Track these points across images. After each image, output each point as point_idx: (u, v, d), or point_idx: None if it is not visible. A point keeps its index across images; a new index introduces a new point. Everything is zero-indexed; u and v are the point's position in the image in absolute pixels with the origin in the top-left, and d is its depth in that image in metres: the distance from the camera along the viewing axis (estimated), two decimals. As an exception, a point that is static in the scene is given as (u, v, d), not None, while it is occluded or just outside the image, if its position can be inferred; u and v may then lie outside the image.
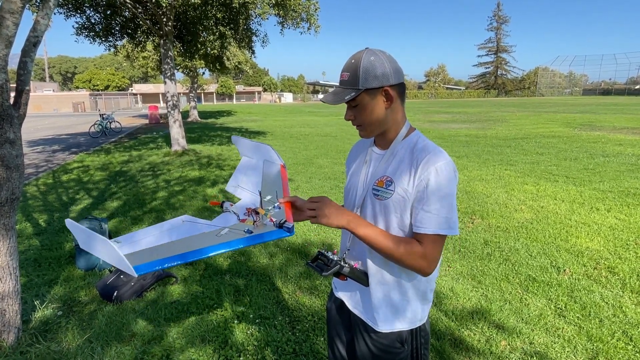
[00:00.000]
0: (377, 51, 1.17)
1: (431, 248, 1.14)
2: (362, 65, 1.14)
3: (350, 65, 1.16)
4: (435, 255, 1.14)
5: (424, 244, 1.14)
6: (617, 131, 13.92)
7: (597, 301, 2.95)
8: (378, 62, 1.15)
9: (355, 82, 1.15)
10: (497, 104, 42.23)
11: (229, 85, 60.11)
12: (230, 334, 2.61)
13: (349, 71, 1.16)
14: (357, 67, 1.15)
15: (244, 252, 3.92)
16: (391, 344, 1.29)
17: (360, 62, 1.14)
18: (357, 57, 1.16)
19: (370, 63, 1.14)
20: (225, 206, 1.43)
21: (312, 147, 11.33)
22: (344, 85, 1.18)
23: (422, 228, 1.14)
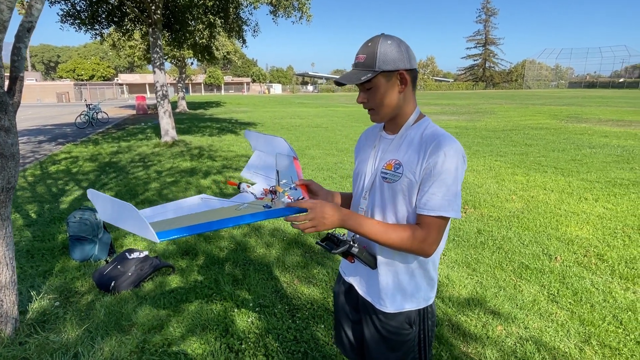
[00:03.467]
0: (393, 36, 1.18)
1: (432, 230, 1.16)
2: (379, 47, 1.15)
3: (367, 48, 1.17)
4: (436, 237, 1.16)
5: (426, 225, 1.16)
6: (603, 123, 14.19)
7: (587, 287, 3.03)
8: (395, 46, 1.15)
9: (372, 64, 1.15)
10: (485, 96, 42.60)
11: (217, 75, 59.40)
12: (231, 322, 2.63)
13: (366, 53, 1.17)
14: (374, 50, 1.15)
15: (240, 242, 3.92)
16: (400, 325, 1.32)
17: (377, 45, 1.15)
18: (374, 41, 1.17)
19: (387, 46, 1.15)
20: (242, 187, 1.45)
21: (304, 138, 11.31)
22: (360, 67, 1.18)
23: (425, 210, 1.16)
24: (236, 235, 4.11)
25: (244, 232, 4.19)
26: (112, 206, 1.15)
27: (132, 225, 1.08)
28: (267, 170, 1.61)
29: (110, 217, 1.16)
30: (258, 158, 1.73)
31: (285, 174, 1.54)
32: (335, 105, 29.03)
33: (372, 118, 1.28)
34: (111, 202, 1.15)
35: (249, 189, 1.45)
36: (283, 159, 1.65)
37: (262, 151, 1.75)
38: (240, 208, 1.27)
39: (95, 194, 1.17)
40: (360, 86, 1.22)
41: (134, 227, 1.08)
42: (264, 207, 1.27)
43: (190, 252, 3.72)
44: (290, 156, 1.66)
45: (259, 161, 1.70)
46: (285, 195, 1.33)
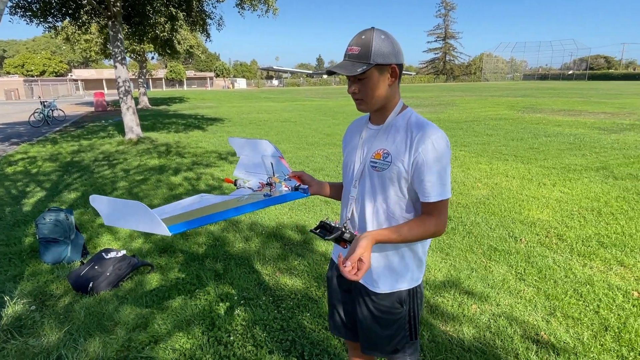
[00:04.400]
0: (384, 31, 1.24)
1: (441, 213, 1.26)
2: (373, 41, 1.21)
3: (361, 41, 1.22)
4: (445, 217, 1.27)
5: (434, 211, 1.26)
6: (556, 113, 15.03)
7: (550, 265, 3.27)
8: (388, 41, 1.22)
9: (367, 56, 1.21)
10: (447, 89, 43.88)
11: (179, 70, 57.69)
12: (217, 316, 2.65)
13: (360, 46, 1.22)
14: (368, 43, 1.21)
15: (218, 238, 3.92)
16: (391, 305, 1.41)
17: (372, 39, 1.21)
18: (367, 34, 1.22)
19: (381, 40, 1.21)
20: (239, 183, 1.48)
21: (273, 133, 11.28)
22: (354, 59, 1.23)
23: (431, 197, 1.25)
24: (214, 231, 4.10)
25: (221, 228, 4.18)
26: (118, 208, 1.16)
27: (142, 223, 1.10)
28: (258, 168, 1.65)
29: (116, 220, 1.17)
30: (246, 160, 1.77)
31: (276, 170, 1.61)
32: (302, 99, 29.01)
33: (359, 108, 1.34)
34: (117, 203, 1.16)
35: (246, 184, 1.49)
36: (270, 160, 1.70)
37: (247, 155, 1.78)
38: (242, 199, 1.31)
39: (99, 199, 1.18)
40: (351, 77, 1.28)
41: (144, 224, 1.10)
42: (264, 196, 1.32)
43: (168, 250, 3.68)
44: (276, 156, 1.72)
45: (248, 162, 1.74)
46: (282, 184, 1.39)
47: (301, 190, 1.33)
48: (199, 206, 1.31)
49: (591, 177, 5.87)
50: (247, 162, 1.72)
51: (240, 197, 1.37)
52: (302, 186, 1.32)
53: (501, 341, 2.35)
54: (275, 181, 1.41)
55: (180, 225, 1.14)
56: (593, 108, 16.90)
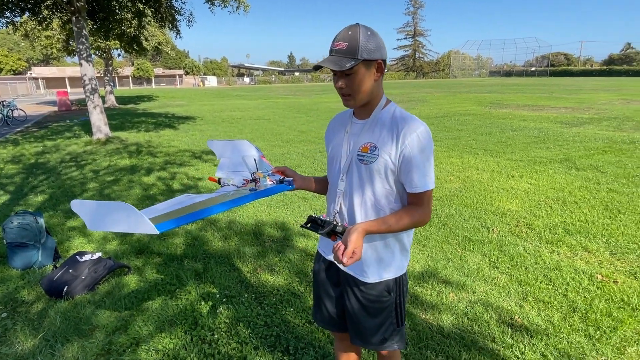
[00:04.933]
0: (369, 27, 1.27)
1: (427, 203, 1.32)
2: (360, 37, 1.23)
3: (348, 36, 1.24)
4: (429, 207, 1.34)
5: (421, 201, 1.31)
6: (521, 108, 15.61)
7: (521, 252, 3.42)
8: (374, 37, 1.25)
9: (354, 52, 1.23)
10: (417, 86, 44.69)
11: (146, 68, 56.06)
12: (199, 315, 2.62)
13: (347, 41, 1.24)
14: (355, 38, 1.23)
15: (196, 237, 3.87)
16: (379, 293, 1.45)
17: (358, 34, 1.23)
18: (353, 30, 1.24)
19: (367, 36, 1.24)
20: (223, 182, 1.48)
21: (247, 131, 11.18)
22: (342, 54, 1.25)
23: (418, 188, 1.30)
24: (192, 230, 4.04)
25: (199, 227, 4.13)
26: (101, 211, 1.14)
27: (128, 224, 1.09)
28: (240, 167, 1.66)
29: (100, 224, 1.15)
30: (227, 161, 1.76)
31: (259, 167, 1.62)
32: (275, 97, 28.84)
33: (347, 103, 1.37)
34: (101, 206, 1.14)
35: (230, 182, 1.50)
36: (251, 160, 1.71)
37: (228, 157, 1.78)
38: (228, 195, 1.32)
39: (81, 203, 1.16)
40: (339, 72, 1.30)
41: (130, 225, 1.09)
42: (249, 190, 1.33)
43: (144, 251, 3.60)
44: (257, 155, 1.73)
45: (229, 163, 1.74)
46: (267, 179, 1.40)
47: (286, 183, 1.35)
48: (185, 204, 1.31)
49: (555, 169, 6.16)
50: (228, 163, 1.73)
51: (226, 193, 1.37)
52: (287, 179, 1.34)
53: (478, 327, 2.45)
54: (259, 176, 1.42)
55: (168, 223, 1.14)
56: (555, 103, 17.66)
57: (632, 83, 37.32)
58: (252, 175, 1.45)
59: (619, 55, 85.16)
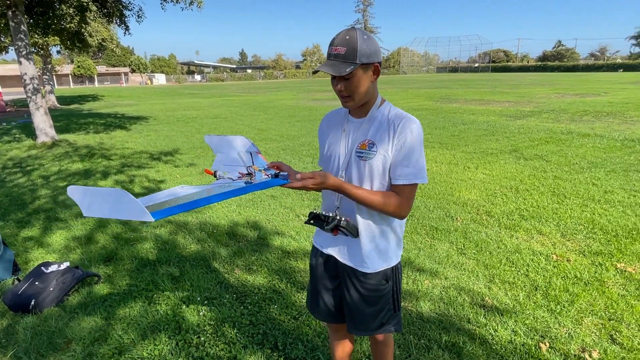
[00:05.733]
0: (365, 31, 1.34)
1: (406, 196, 1.39)
2: (358, 42, 1.29)
3: (346, 41, 1.29)
4: (410, 202, 1.41)
5: (402, 193, 1.39)
6: (469, 103, 16.45)
7: (484, 238, 3.67)
8: (370, 41, 1.32)
9: (353, 56, 1.29)
10: (370, 82, 45.51)
11: (88, 65, 52.79)
12: (182, 319, 2.59)
13: (345, 46, 1.29)
14: (354, 43, 1.29)
15: (167, 242, 3.77)
16: (378, 282, 1.53)
17: (356, 39, 1.29)
18: (351, 35, 1.30)
19: (365, 42, 1.30)
20: (218, 174, 1.49)
21: (205, 130, 10.92)
22: (340, 59, 1.31)
23: (400, 180, 1.38)
24: (161, 234, 3.93)
25: (169, 231, 4.02)
26: (98, 197, 1.14)
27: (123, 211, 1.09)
28: (236, 161, 1.67)
29: (95, 210, 1.14)
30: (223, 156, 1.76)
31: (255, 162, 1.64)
32: (229, 94, 28.29)
33: (346, 104, 1.43)
34: (96, 193, 1.13)
35: (225, 175, 1.51)
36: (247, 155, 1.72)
37: (224, 153, 1.78)
38: (224, 186, 1.34)
39: (77, 189, 1.15)
40: (338, 76, 1.36)
41: (126, 212, 1.09)
42: (245, 183, 1.36)
43: (113, 258, 3.47)
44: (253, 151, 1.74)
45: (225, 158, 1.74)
46: (262, 173, 1.43)
47: (281, 177, 1.38)
48: (181, 194, 1.31)
49: (506, 159, 6.60)
50: (224, 158, 1.73)
51: (222, 185, 1.39)
52: (282, 173, 1.38)
53: (454, 310, 2.61)
54: (255, 169, 1.46)
55: (163, 211, 1.14)
56: (499, 97, 18.77)
57: (564, 78, 40.38)
58: (247, 169, 1.47)
59: (551, 52, 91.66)
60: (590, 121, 10.64)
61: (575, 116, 11.67)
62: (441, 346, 2.27)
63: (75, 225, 4.20)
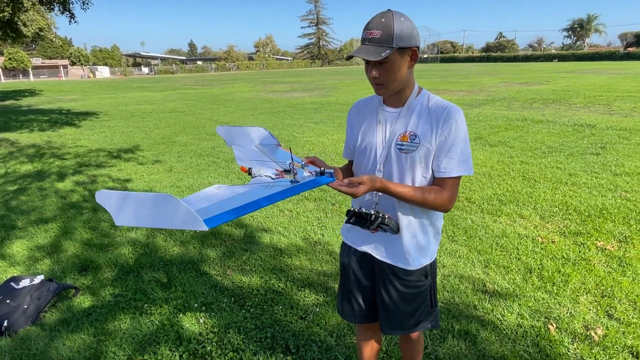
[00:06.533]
0: (402, 13, 1.25)
1: (453, 189, 1.34)
2: (395, 25, 1.20)
3: (382, 24, 1.21)
4: (456, 194, 1.36)
5: (447, 186, 1.33)
6: (435, 93, 16.86)
7: (471, 225, 3.74)
8: (407, 24, 1.23)
9: (389, 40, 1.21)
10: (325, 73, 45.57)
11: (21, 58, 48.54)
12: (181, 328, 2.41)
13: (381, 29, 1.21)
14: (389, 26, 1.20)
15: (147, 245, 3.52)
16: (418, 279, 1.48)
17: (392, 22, 1.20)
18: (386, 17, 1.21)
19: (401, 23, 1.22)
20: (253, 172, 1.35)
21: (164, 125, 10.38)
22: (376, 43, 1.22)
23: (446, 173, 1.32)
24: (138, 238, 3.66)
25: (145, 234, 3.75)
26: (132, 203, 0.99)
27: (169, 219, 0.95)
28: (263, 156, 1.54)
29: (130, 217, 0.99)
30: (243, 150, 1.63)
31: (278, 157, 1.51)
32: (182, 87, 27.16)
33: (379, 92, 1.34)
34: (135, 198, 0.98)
35: (261, 172, 1.38)
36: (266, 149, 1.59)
37: (239, 145, 1.64)
38: (269, 187, 1.21)
39: (108, 194, 1.00)
40: (372, 61, 1.27)
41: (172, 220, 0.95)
42: (290, 182, 1.24)
43: (89, 267, 3.18)
44: (273, 144, 1.61)
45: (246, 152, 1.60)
46: (304, 170, 1.32)
47: (327, 175, 1.28)
48: (225, 197, 1.17)
49: (473, 147, 6.81)
50: (246, 152, 1.59)
51: (265, 184, 1.26)
52: (328, 170, 1.28)
53: (459, 297, 2.63)
54: (297, 167, 1.34)
55: (216, 218, 1.01)
56: (452, 87, 19.44)
57: (507, 68, 42.60)
58: (288, 165, 1.35)
59: (494, 43, 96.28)
60: (540, 108, 11.26)
61: (525, 104, 12.30)
62: (455, 335, 2.28)
63: (37, 233, 3.81)
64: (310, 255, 3.24)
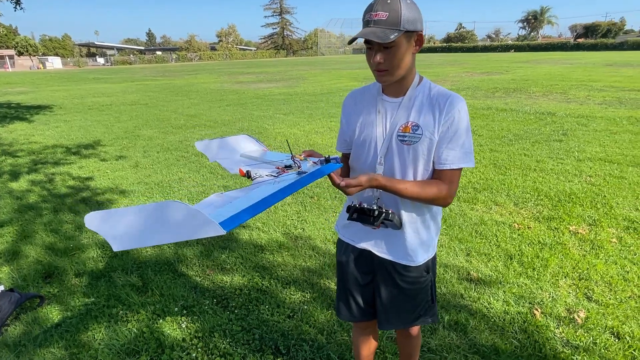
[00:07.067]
0: None
1: (454, 182, 1.30)
2: (402, 6, 1.14)
3: (387, 5, 1.14)
4: (456, 187, 1.31)
5: (447, 178, 1.28)
6: (393, 82, 17.03)
7: (449, 213, 3.78)
8: (414, 6, 1.17)
9: (397, 22, 1.13)
10: (291, 64, 45.08)
11: (-42, 47, 44.71)
12: (162, 335, 2.27)
13: (387, 10, 1.13)
14: (397, 8, 1.13)
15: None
16: (420, 274, 1.43)
17: (399, 3, 1.14)
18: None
19: (408, 6, 1.15)
20: (253, 174, 1.25)
21: (125, 118, 9.88)
22: (383, 25, 1.14)
23: (446, 165, 1.27)
24: (103, 240, 3.43)
25: (114, 235, 3.53)
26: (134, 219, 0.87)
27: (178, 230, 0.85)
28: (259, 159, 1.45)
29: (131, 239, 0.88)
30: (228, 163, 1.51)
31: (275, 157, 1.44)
32: (142, 79, 26.01)
33: (382, 79, 1.27)
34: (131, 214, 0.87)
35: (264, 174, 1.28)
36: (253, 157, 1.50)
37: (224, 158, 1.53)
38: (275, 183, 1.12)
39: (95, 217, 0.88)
40: (376, 45, 1.19)
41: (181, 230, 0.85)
42: (298, 175, 1.16)
43: (53, 273, 2.95)
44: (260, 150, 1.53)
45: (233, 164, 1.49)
46: (308, 161, 1.24)
47: (334, 161, 1.21)
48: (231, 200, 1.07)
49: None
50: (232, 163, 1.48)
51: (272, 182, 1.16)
52: (333, 156, 1.20)
53: (445, 287, 2.64)
54: (299, 158, 1.25)
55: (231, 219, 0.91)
56: (418, 77, 19.70)
57: (468, 58, 43.74)
58: (290, 160, 1.26)
59: (454, 34, 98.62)
60: (502, 97, 11.61)
61: (488, 93, 12.66)
62: (445, 326, 2.28)
63: (-9, 239, 3.50)
64: (293, 251, 3.16)
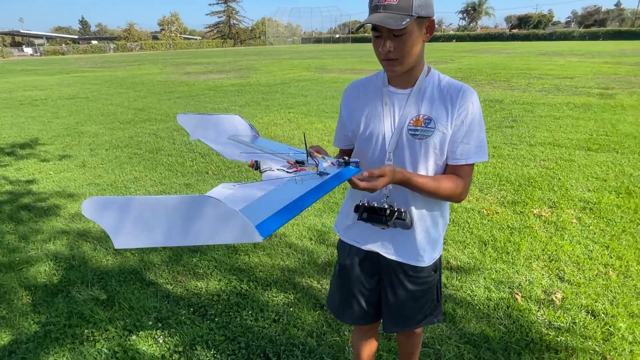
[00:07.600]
0: None
1: (468, 177, 1.25)
2: None
3: None
4: (470, 182, 1.27)
5: (464, 174, 1.24)
6: (344, 72, 17.10)
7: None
8: None
9: (409, 7, 1.05)
10: (239, 54, 43.89)
11: None
12: (137, 353, 2.07)
13: None
14: None
15: (73, 256, 3.00)
16: (428, 274, 1.38)
17: None
18: None
19: None
20: (262, 166, 1.12)
21: (64, 114, 9.08)
22: (393, 10, 1.06)
23: (462, 160, 1.22)
24: (58, 249, 3.11)
25: (67, 243, 3.20)
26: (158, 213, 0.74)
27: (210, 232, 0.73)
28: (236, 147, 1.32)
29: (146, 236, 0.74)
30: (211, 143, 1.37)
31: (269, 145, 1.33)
32: (79, 70, 24.11)
33: (391, 69, 1.18)
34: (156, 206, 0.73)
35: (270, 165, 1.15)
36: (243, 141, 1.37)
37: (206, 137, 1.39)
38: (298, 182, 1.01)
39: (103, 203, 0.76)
40: (386, 32, 1.10)
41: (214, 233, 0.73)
42: (317, 174, 1.05)
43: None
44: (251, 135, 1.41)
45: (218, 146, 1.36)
46: (326, 161, 1.13)
47: (353, 165, 1.10)
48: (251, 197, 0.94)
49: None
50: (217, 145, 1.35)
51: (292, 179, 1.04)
52: (353, 160, 1.10)
53: (428, 277, 2.64)
54: (317, 156, 1.14)
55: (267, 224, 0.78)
56: (369, 67, 19.93)
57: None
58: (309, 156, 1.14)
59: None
60: (452, 86, 12.02)
61: (439, 82, 13.05)
62: (434, 317, 2.27)
63: None
64: (269, 250, 3.03)
